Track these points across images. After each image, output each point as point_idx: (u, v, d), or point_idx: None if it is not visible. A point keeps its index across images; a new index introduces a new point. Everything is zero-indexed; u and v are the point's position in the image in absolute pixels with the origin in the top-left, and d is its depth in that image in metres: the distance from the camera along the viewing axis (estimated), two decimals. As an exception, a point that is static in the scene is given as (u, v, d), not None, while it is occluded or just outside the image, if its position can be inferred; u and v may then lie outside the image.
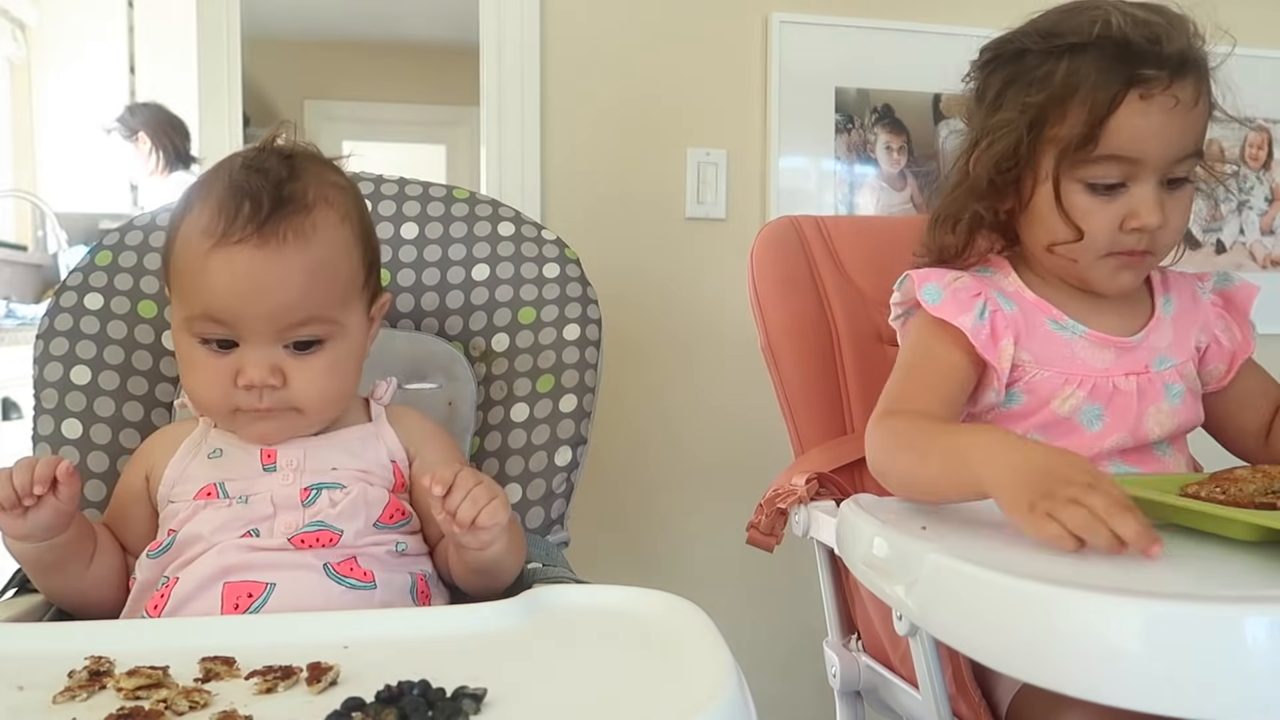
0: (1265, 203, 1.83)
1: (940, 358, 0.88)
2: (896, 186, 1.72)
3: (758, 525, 1.03)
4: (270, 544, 0.74)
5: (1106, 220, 0.85)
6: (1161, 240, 0.87)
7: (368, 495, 0.78)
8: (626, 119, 1.62)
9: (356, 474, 0.80)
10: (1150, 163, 0.83)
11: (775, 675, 1.67)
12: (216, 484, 0.78)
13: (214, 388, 0.76)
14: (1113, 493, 0.62)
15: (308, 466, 0.79)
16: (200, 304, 0.75)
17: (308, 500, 0.77)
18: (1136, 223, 0.84)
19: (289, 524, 0.76)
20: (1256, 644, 0.49)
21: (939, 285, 0.91)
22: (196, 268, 0.74)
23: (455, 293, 1.01)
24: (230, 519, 0.76)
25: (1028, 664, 0.55)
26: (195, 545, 0.75)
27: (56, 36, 3.03)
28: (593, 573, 0.87)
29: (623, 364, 1.60)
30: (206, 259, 0.73)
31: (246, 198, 0.73)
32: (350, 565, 0.75)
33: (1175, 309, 0.95)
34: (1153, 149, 0.83)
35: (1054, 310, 0.91)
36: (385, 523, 0.79)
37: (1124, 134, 0.83)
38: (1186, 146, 0.85)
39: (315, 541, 0.75)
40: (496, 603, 0.66)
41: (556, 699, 0.50)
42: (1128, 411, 0.89)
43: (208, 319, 0.75)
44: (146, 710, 0.48)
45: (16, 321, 2.37)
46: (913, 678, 0.87)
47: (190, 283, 0.75)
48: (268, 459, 0.79)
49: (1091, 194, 0.85)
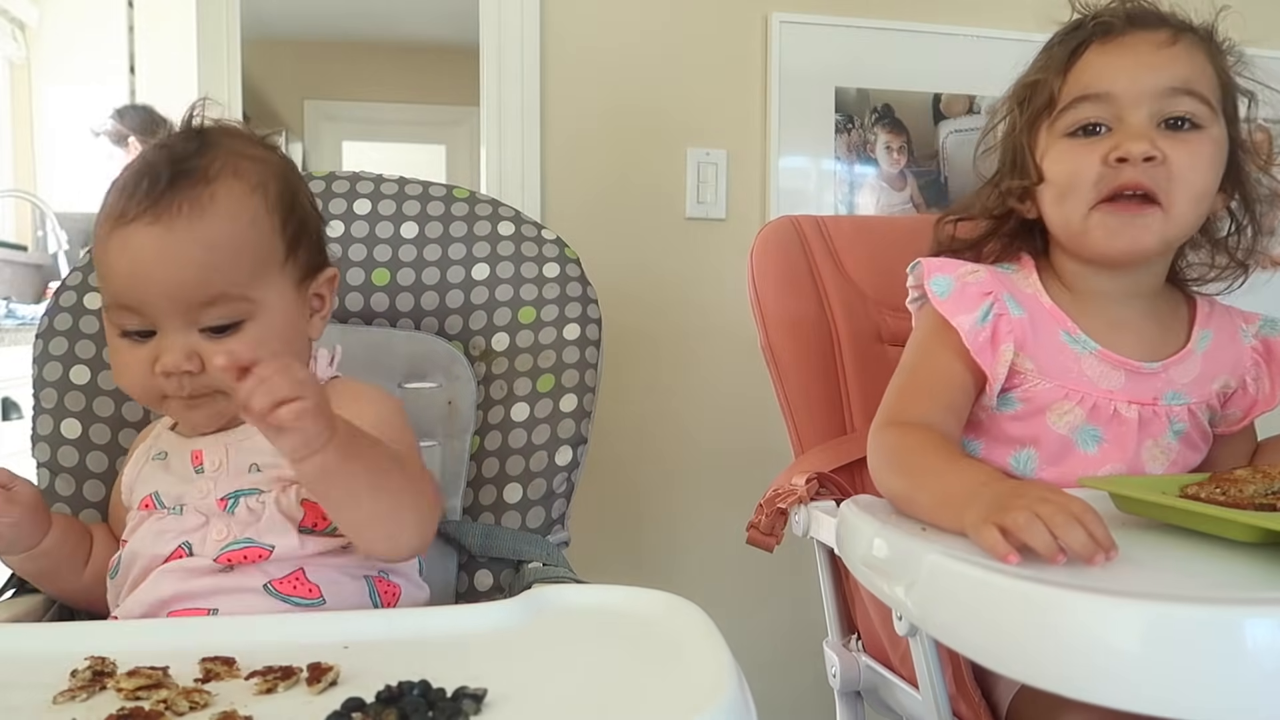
0: (1265, 203, 1.83)
1: (941, 360, 0.87)
2: (896, 186, 1.72)
3: (758, 525, 1.02)
4: (202, 565, 0.71)
5: (1088, 155, 0.83)
6: (1167, 181, 0.80)
7: (282, 503, 0.73)
8: (626, 119, 1.62)
9: (274, 474, 0.74)
10: (1125, 96, 0.82)
11: (775, 675, 1.67)
12: (153, 494, 0.76)
13: (136, 377, 0.72)
14: (1066, 504, 0.61)
15: (230, 466, 0.75)
16: (108, 292, 0.72)
17: (227, 509, 0.74)
18: (1119, 151, 0.80)
19: (219, 534, 0.73)
20: (1256, 646, 0.49)
21: (950, 277, 0.89)
22: (100, 253, 0.71)
23: (455, 292, 1.01)
24: (163, 531, 0.74)
25: (1027, 665, 0.55)
26: (134, 566, 0.74)
27: (56, 36, 3.03)
28: (593, 573, 0.87)
29: (623, 364, 1.60)
30: (107, 242, 0.71)
31: (145, 175, 0.71)
32: (295, 581, 0.72)
33: (1210, 345, 0.90)
34: (1121, 82, 0.83)
35: (1068, 322, 0.88)
36: (310, 528, 0.73)
37: (1088, 74, 0.85)
38: (1168, 80, 0.82)
39: (243, 559, 0.71)
40: (497, 603, 0.66)
41: (556, 699, 0.50)
42: (1126, 440, 0.86)
43: (117, 306, 0.71)
44: (146, 710, 0.48)
45: (16, 321, 2.37)
46: (913, 678, 0.87)
47: (100, 270, 0.73)
48: (196, 460, 0.76)
49: (1072, 139, 0.85)
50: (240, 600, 0.71)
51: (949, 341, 0.86)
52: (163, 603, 0.71)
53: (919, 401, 0.86)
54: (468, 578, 0.92)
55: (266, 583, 0.71)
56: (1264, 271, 0.93)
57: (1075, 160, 0.84)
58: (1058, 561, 0.59)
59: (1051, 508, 0.61)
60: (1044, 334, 0.88)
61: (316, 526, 0.74)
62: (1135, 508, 0.73)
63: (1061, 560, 0.59)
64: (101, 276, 0.73)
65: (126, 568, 0.75)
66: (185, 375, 0.71)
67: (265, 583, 0.72)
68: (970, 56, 1.70)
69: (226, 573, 0.72)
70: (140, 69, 3.05)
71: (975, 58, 1.68)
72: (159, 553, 0.73)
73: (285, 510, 0.73)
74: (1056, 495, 0.63)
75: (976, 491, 0.68)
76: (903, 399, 0.87)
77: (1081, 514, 0.61)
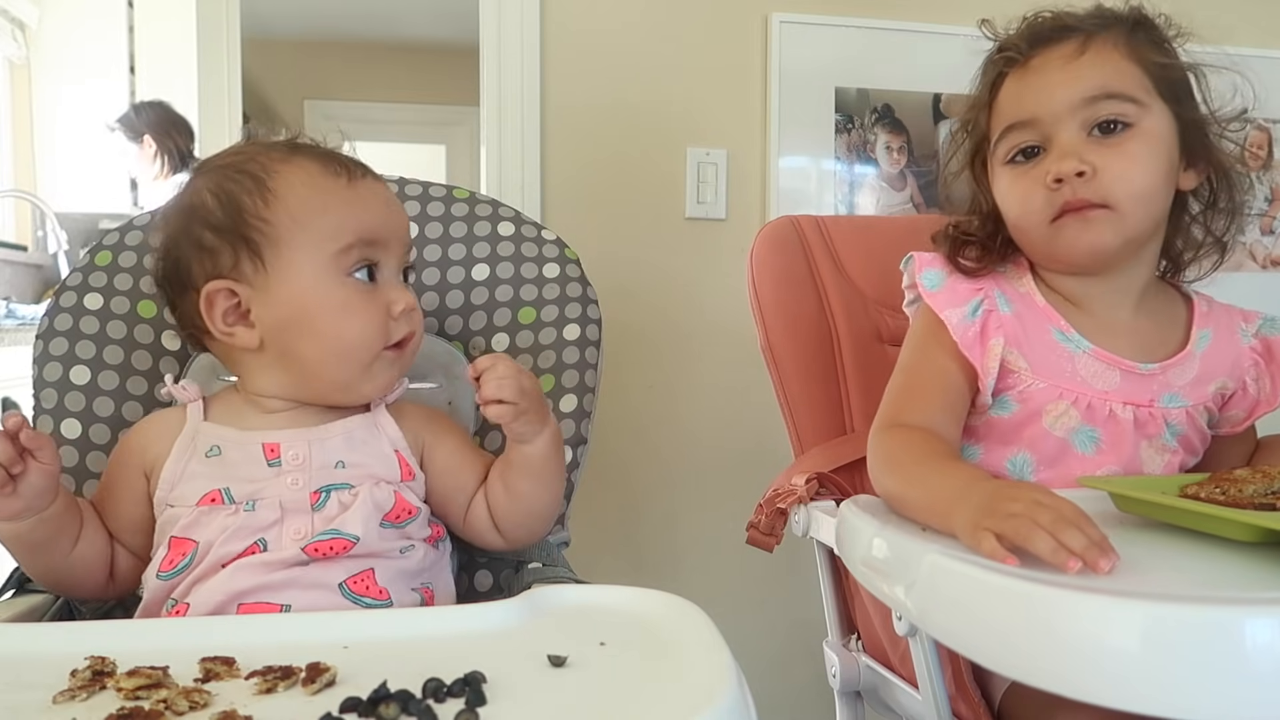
0: (1265, 203, 1.83)
1: (936, 361, 0.88)
2: (896, 186, 1.72)
3: (758, 525, 1.02)
4: (283, 557, 0.73)
5: (1030, 182, 0.85)
6: (1110, 188, 0.82)
7: (375, 496, 0.77)
8: (626, 119, 1.62)
9: (363, 471, 0.79)
10: (1046, 117, 0.84)
11: (775, 675, 1.67)
12: (221, 490, 0.76)
13: (370, 322, 0.78)
14: (1061, 508, 0.61)
15: (314, 463, 0.78)
16: (350, 232, 0.78)
17: (318, 504, 0.76)
18: (1052, 174, 0.83)
19: (298, 530, 0.74)
20: (1256, 646, 0.49)
21: (941, 271, 0.90)
22: (340, 200, 0.78)
23: (455, 292, 1.01)
24: (237, 528, 0.74)
25: (1027, 665, 0.55)
26: (203, 561, 0.74)
27: (56, 36, 3.03)
28: (593, 573, 0.87)
29: (623, 364, 1.60)
30: (355, 189, 0.80)
31: (336, 158, 0.81)
32: (367, 582, 0.74)
33: (1209, 345, 0.90)
34: (1040, 104, 0.84)
35: (1061, 321, 0.88)
36: (392, 521, 0.78)
37: (1007, 104, 0.88)
38: (1081, 92, 0.83)
39: (329, 550, 0.73)
40: (496, 603, 0.66)
41: (556, 699, 0.50)
42: (1122, 441, 0.86)
43: (362, 244, 0.78)
44: (146, 710, 0.48)
45: (16, 321, 2.37)
46: (912, 678, 0.87)
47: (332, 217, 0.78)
48: (271, 453, 0.78)
49: (1013, 167, 0.87)
50: (314, 598, 0.72)
51: (943, 340, 0.87)
52: (238, 594, 0.72)
53: (916, 403, 0.87)
54: (468, 578, 0.92)
55: (342, 580, 0.73)
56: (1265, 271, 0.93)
57: (1019, 189, 0.87)
58: (1071, 569, 0.58)
59: (1049, 513, 0.61)
60: (1036, 332, 0.88)
61: (399, 518, 0.78)
62: (1135, 507, 0.73)
63: (1075, 566, 0.58)
64: (335, 223, 0.77)
65: (193, 565, 0.74)
66: (411, 314, 0.80)
67: (342, 580, 0.73)
68: (970, 56, 1.70)
69: (305, 566, 0.73)
70: (140, 69, 3.05)
71: (975, 58, 1.68)
72: (231, 549, 0.73)
73: (377, 501, 0.77)
74: (1050, 499, 0.63)
75: (963, 492, 0.69)
76: (900, 401, 0.88)
77: (1076, 517, 0.61)
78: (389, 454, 0.81)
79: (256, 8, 3.35)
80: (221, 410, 0.82)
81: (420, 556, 0.79)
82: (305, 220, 0.77)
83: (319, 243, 0.77)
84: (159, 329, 0.93)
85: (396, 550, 0.77)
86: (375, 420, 0.83)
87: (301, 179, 0.78)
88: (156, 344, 0.93)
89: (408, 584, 0.77)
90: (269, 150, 0.80)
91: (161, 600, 0.75)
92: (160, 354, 0.93)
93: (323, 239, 0.77)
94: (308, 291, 0.76)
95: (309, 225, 0.77)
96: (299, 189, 0.77)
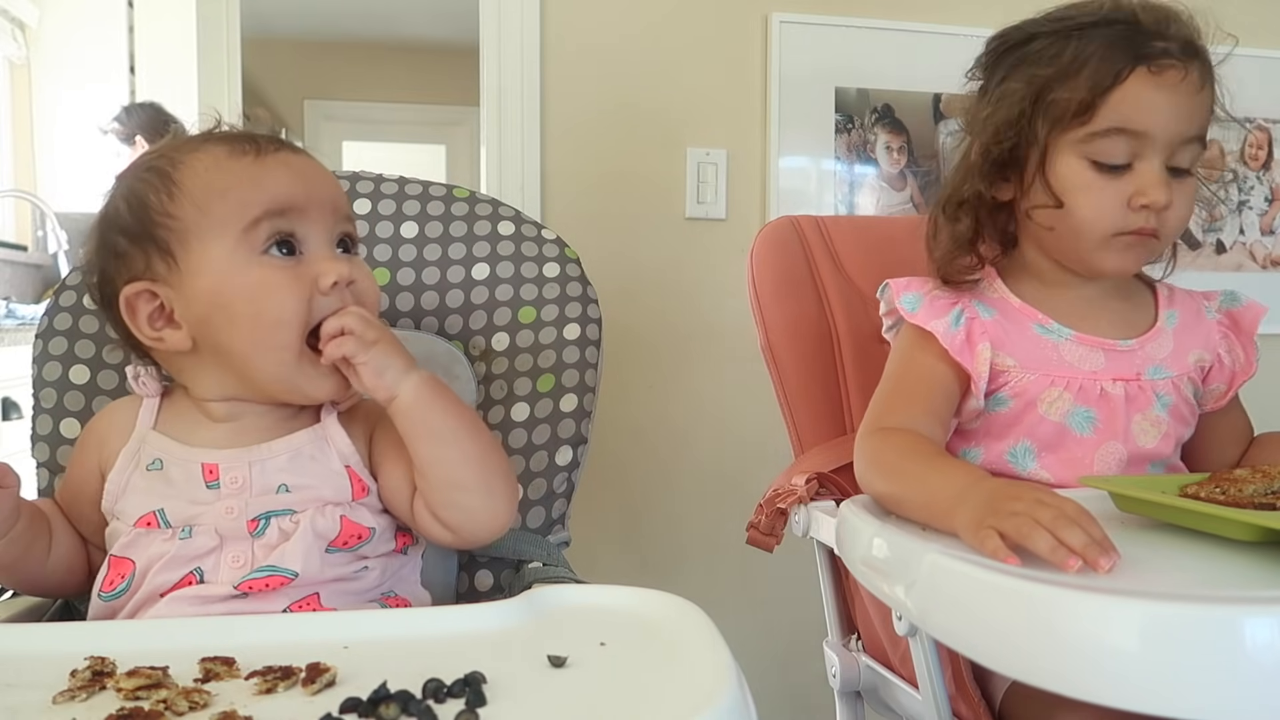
0: (1265, 203, 1.83)
1: (923, 367, 0.89)
2: (896, 186, 1.72)
3: (758, 525, 1.03)
4: (219, 592, 0.70)
5: (1113, 197, 0.84)
6: (1169, 224, 0.85)
7: (317, 524, 0.73)
8: (626, 119, 1.62)
9: (308, 495, 0.74)
10: (1158, 138, 0.83)
11: (775, 675, 1.67)
12: (156, 512, 0.73)
13: (291, 298, 0.72)
14: (1063, 507, 0.62)
15: (255, 487, 0.74)
16: (261, 204, 0.73)
17: (256, 531, 0.72)
18: (1144, 200, 0.83)
19: (236, 559, 0.71)
20: (1256, 645, 0.49)
21: (917, 293, 0.92)
22: (248, 174, 0.74)
23: (455, 292, 1.01)
24: (172, 556, 0.71)
25: (1027, 665, 0.55)
26: (140, 589, 0.71)
27: (56, 36, 3.03)
28: (593, 573, 0.87)
29: (623, 363, 1.60)
30: (262, 162, 0.75)
31: (248, 137, 0.77)
32: (313, 606, 0.71)
33: (1178, 323, 0.93)
34: (1161, 123, 0.83)
35: (1039, 315, 0.90)
36: (339, 547, 0.74)
37: (1130, 105, 0.83)
38: (1192, 129, 0.84)
39: (265, 586, 0.70)
40: (496, 603, 0.66)
41: (556, 699, 0.50)
42: (1116, 416, 0.88)
43: (275, 215, 0.73)
44: (146, 710, 0.48)
45: (16, 321, 2.37)
46: (913, 678, 0.87)
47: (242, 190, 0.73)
48: (210, 475, 0.74)
49: (1097, 171, 0.85)
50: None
51: (929, 348, 0.89)
52: None
53: (900, 407, 0.88)
54: (468, 578, 0.92)
55: (286, 607, 0.71)
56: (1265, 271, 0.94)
57: (1100, 197, 0.85)
58: (1070, 567, 0.58)
59: (1050, 511, 0.61)
60: (1017, 331, 0.90)
61: (347, 544, 0.74)
62: (1135, 507, 0.73)
63: (1075, 566, 0.58)
64: (238, 200, 0.73)
65: (131, 591, 0.72)
66: (346, 288, 0.74)
67: (285, 606, 0.71)
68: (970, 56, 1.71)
69: (243, 599, 0.70)
70: (140, 69, 3.05)
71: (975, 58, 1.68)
72: (166, 579, 0.71)
73: (320, 530, 0.73)
74: (1051, 498, 0.63)
75: (965, 492, 0.69)
76: (884, 406, 0.89)
77: (1078, 516, 0.61)
78: (338, 470, 0.76)
79: (256, 8, 3.36)
80: (171, 417, 0.79)
81: (376, 575, 0.76)
82: (208, 206, 0.72)
83: (224, 225, 0.72)
84: (159, 329, 0.93)
85: (348, 574, 0.74)
86: (325, 433, 0.77)
87: (206, 164, 0.74)
88: (156, 344, 0.93)
89: (358, 601, 0.74)
90: (184, 143, 0.77)
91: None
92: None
93: (228, 220, 0.72)
94: (221, 278, 0.72)
95: (212, 210, 0.72)
96: (202, 175, 0.73)
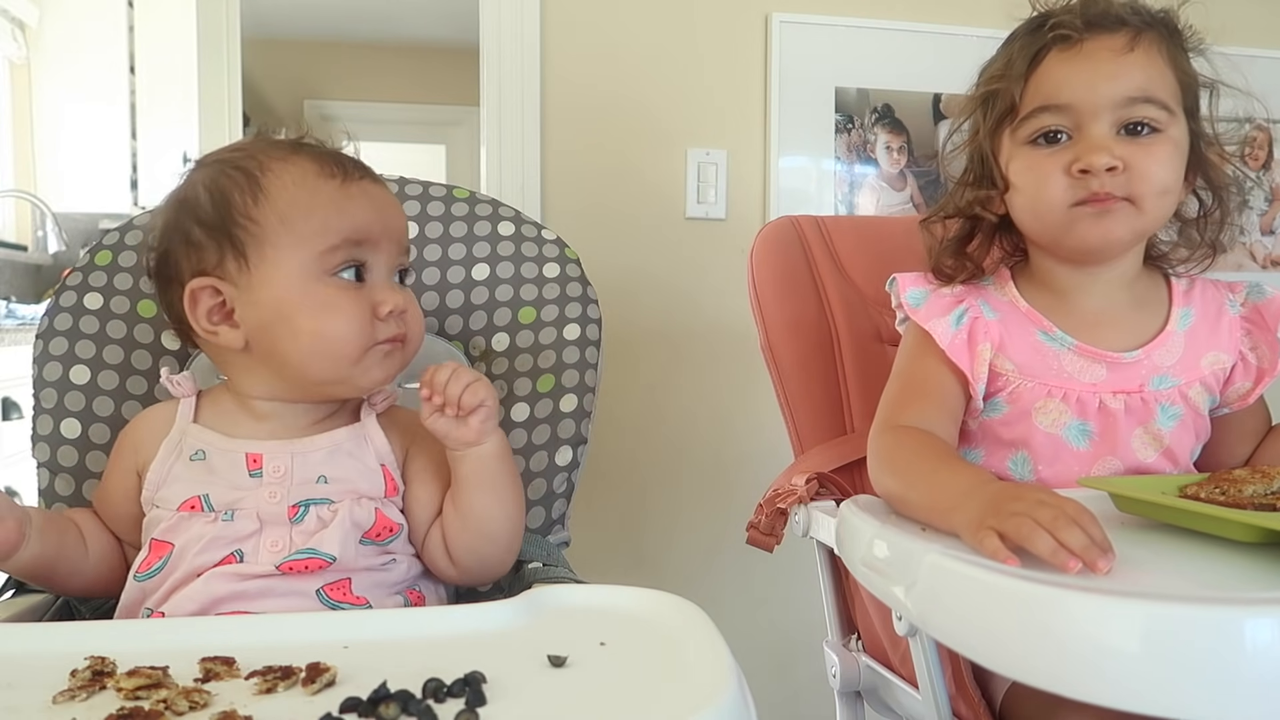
0: (1265, 203, 1.83)
1: (929, 368, 0.89)
2: (896, 186, 1.72)
3: (758, 525, 1.03)
4: (258, 570, 0.72)
5: (1053, 168, 0.84)
6: (1135, 185, 0.82)
7: (354, 513, 0.76)
8: (626, 119, 1.62)
9: (345, 487, 0.77)
10: (1084, 107, 0.83)
11: (775, 675, 1.67)
12: (201, 497, 0.76)
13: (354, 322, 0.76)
14: (1064, 507, 0.62)
15: (295, 476, 0.77)
16: (338, 233, 0.76)
17: (296, 518, 0.75)
18: (1081, 164, 0.82)
19: (275, 543, 0.74)
20: (1256, 646, 0.49)
21: (923, 289, 0.92)
22: (329, 200, 0.76)
23: (455, 292, 1.01)
24: (214, 537, 0.74)
25: (1027, 666, 0.55)
26: (179, 569, 0.73)
27: (56, 36, 3.02)
28: (593, 573, 0.87)
29: (623, 364, 1.60)
30: (345, 189, 0.77)
31: (336, 158, 0.80)
32: (345, 590, 0.74)
33: (1192, 323, 0.90)
34: (1081, 93, 0.83)
35: (1045, 321, 0.89)
36: (371, 539, 0.77)
37: (1049, 84, 0.85)
38: (1129, 89, 0.83)
39: (304, 569, 0.73)
40: (497, 602, 0.65)
41: (557, 699, 0.50)
42: (1114, 430, 0.86)
43: (350, 244, 0.76)
44: (146, 710, 0.48)
45: (16, 321, 2.37)
46: (913, 678, 0.87)
47: (322, 217, 0.76)
48: (253, 464, 0.77)
49: (1034, 148, 0.86)
50: (291, 603, 0.72)
51: (932, 350, 0.89)
52: (213, 602, 0.72)
53: (912, 405, 0.87)
54: (468, 578, 0.92)
55: (319, 588, 0.73)
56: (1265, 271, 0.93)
57: (1040, 171, 0.85)
58: (1070, 569, 0.58)
59: (1051, 512, 0.61)
60: (1020, 335, 0.89)
61: (379, 536, 0.77)
62: (1135, 508, 0.73)
63: (1075, 567, 0.58)
64: (322, 223, 0.76)
65: (168, 570, 0.74)
66: (401, 316, 0.78)
67: (319, 588, 0.73)
68: (970, 56, 1.71)
69: (282, 577, 0.73)
70: (140, 69, 3.05)
71: (975, 58, 1.68)
72: (207, 559, 0.73)
73: (356, 520, 0.76)
74: (1052, 498, 0.63)
75: (968, 494, 0.69)
76: (896, 404, 0.89)
77: (1078, 516, 0.61)
78: (374, 468, 0.80)
79: (256, 8, 3.36)
80: (211, 411, 0.81)
81: (404, 568, 0.79)
82: (292, 220, 0.75)
83: (304, 243, 0.75)
84: (159, 329, 0.93)
85: (377, 565, 0.77)
86: (364, 432, 0.81)
87: (294, 178, 0.76)
88: (156, 344, 0.93)
89: (387, 592, 0.77)
90: (270, 148, 0.79)
91: (138, 603, 0.75)
92: (160, 353, 0.93)
93: (308, 239, 0.75)
94: (290, 291, 0.75)
95: (295, 225, 0.75)
96: (290, 188, 0.76)
